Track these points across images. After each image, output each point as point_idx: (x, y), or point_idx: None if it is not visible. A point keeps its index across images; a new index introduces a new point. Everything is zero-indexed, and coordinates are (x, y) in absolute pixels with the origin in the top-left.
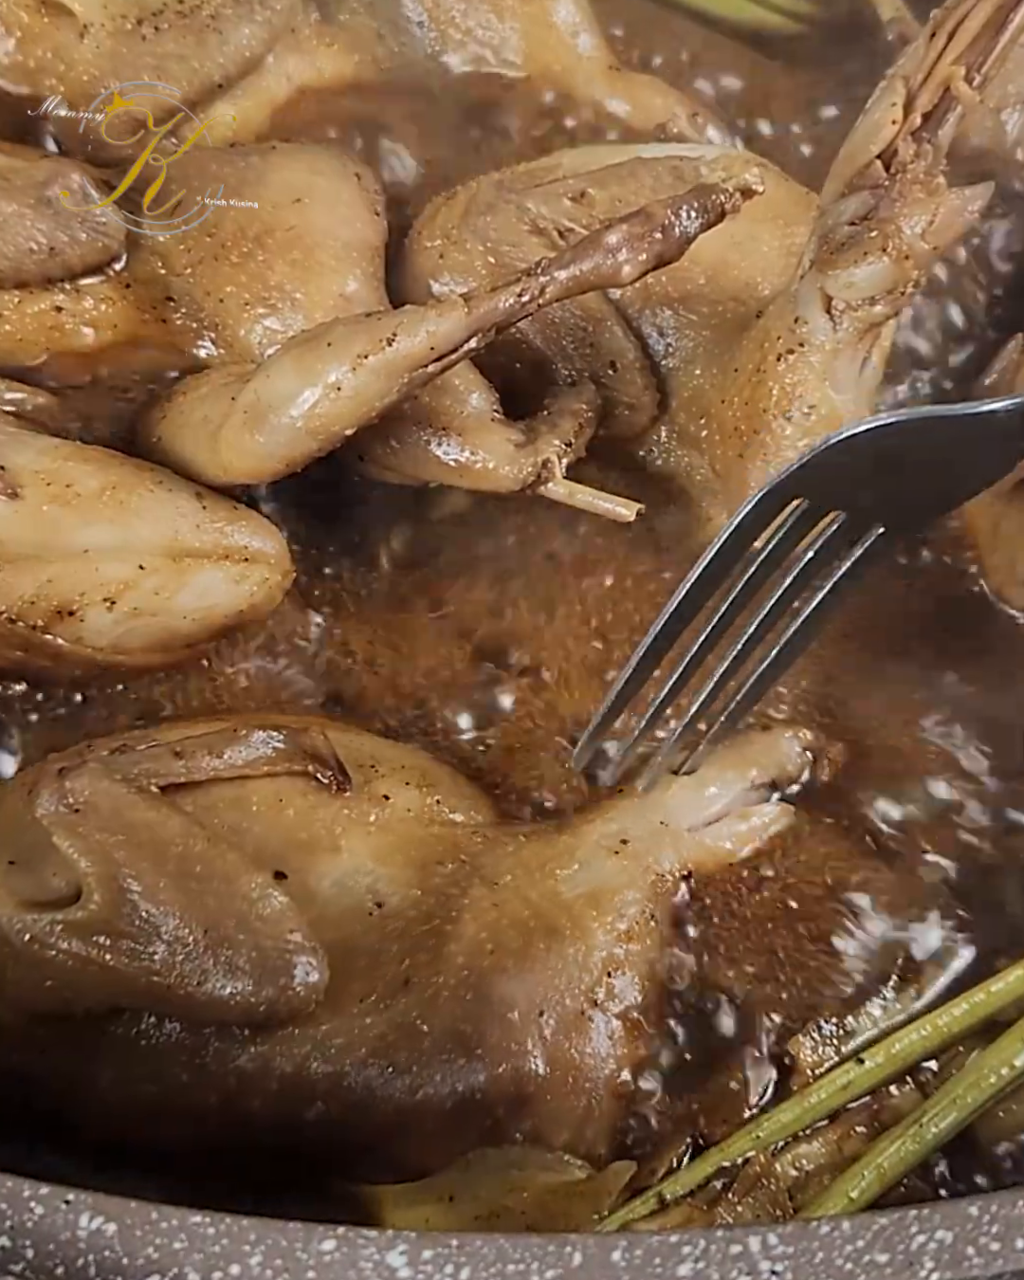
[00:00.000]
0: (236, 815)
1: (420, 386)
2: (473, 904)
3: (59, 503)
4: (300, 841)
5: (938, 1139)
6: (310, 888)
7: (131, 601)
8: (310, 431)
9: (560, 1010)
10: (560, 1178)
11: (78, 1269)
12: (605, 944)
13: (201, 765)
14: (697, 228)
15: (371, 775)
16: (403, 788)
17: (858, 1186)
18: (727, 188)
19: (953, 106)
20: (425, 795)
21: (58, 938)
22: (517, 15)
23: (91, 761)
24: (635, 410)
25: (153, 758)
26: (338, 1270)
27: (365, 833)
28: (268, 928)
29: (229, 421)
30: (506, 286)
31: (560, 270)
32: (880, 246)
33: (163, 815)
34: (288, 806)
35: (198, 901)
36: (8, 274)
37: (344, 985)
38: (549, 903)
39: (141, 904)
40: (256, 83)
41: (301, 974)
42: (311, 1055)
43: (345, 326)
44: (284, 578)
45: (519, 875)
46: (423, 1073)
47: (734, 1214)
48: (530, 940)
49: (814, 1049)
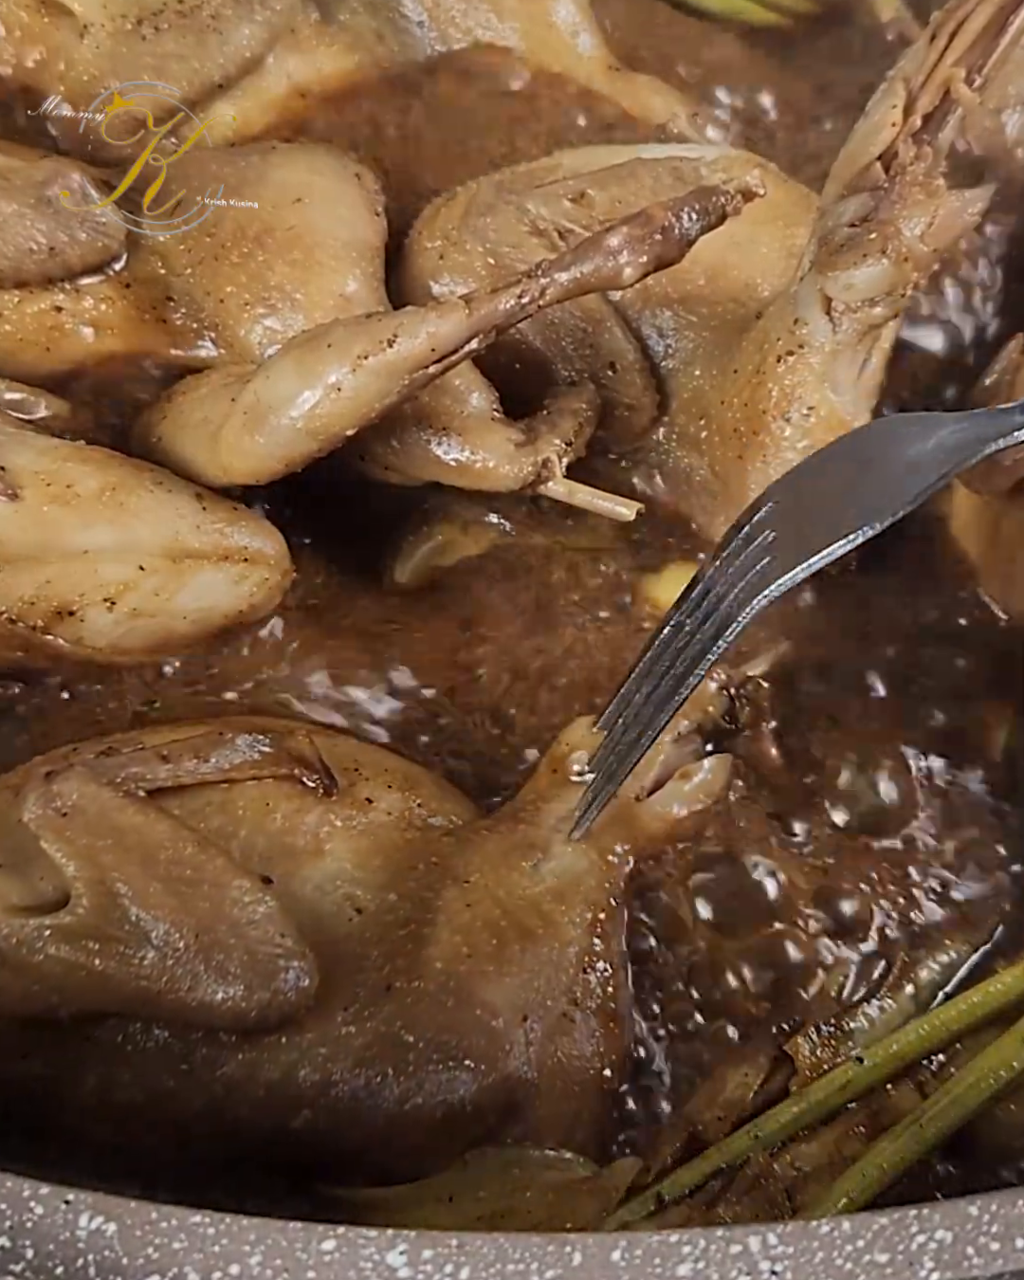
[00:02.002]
0: (223, 819)
1: (421, 388)
2: (446, 906)
3: (59, 503)
4: (286, 846)
5: (937, 1139)
6: (294, 893)
7: (131, 602)
8: (310, 432)
9: (543, 1013)
10: (564, 1175)
11: (78, 1269)
12: (577, 939)
13: (188, 769)
14: (697, 230)
15: (355, 779)
16: (385, 791)
17: (857, 1186)
18: (727, 189)
19: (953, 108)
20: (407, 799)
21: (46, 942)
22: (516, 15)
23: (78, 765)
24: (635, 411)
25: (139, 761)
26: (338, 1270)
27: (348, 836)
28: (258, 932)
29: (229, 423)
30: (507, 288)
31: (560, 272)
32: (880, 248)
33: (151, 819)
34: (274, 811)
35: (188, 905)
36: (8, 274)
37: (328, 993)
38: (517, 900)
39: (131, 908)
40: (256, 83)
41: (292, 979)
42: (298, 1064)
43: (345, 328)
44: (284, 578)
45: (486, 872)
46: (410, 1083)
47: (733, 1214)
48: (505, 942)
49: (812, 1049)
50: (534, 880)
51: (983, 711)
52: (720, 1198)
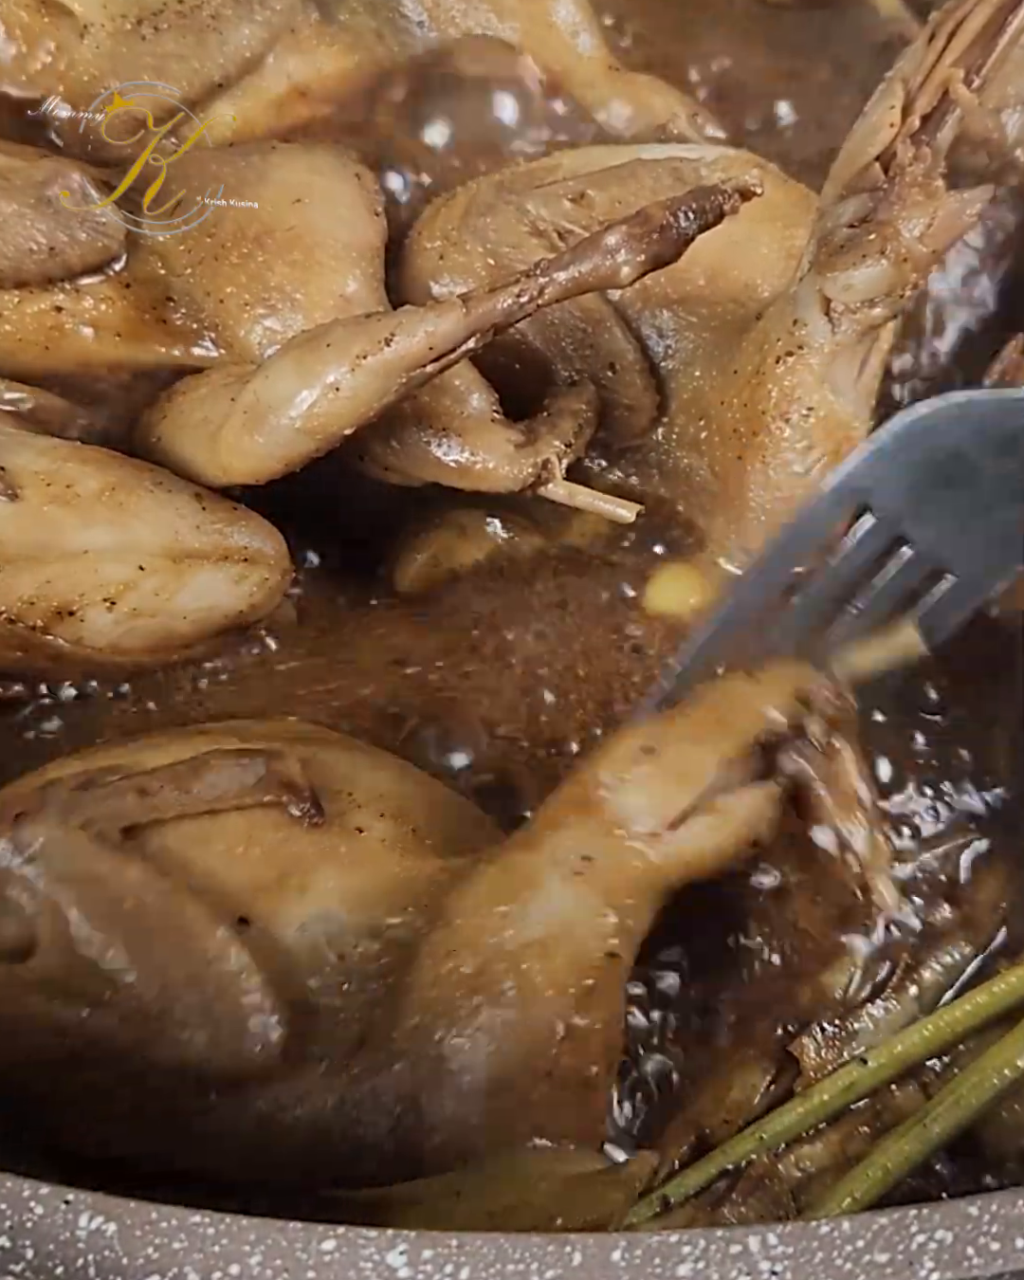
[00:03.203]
0: (201, 852)
1: (419, 387)
2: (430, 951)
3: (58, 503)
4: (267, 882)
5: (941, 1139)
6: (274, 934)
7: (131, 602)
8: (308, 432)
9: (515, 1083)
10: (579, 1168)
11: (77, 1269)
12: (556, 1010)
13: (167, 802)
14: (695, 229)
15: (346, 805)
16: (377, 820)
17: (861, 1186)
18: (725, 189)
19: (952, 109)
20: (400, 827)
21: (9, 991)
22: (516, 15)
23: (50, 805)
24: (634, 412)
25: (116, 795)
26: (338, 1270)
27: (334, 872)
28: (227, 985)
29: (228, 423)
30: (505, 287)
31: (559, 271)
32: (879, 249)
33: (119, 866)
34: (256, 843)
35: (152, 959)
36: (8, 274)
37: (303, 1045)
38: (499, 955)
39: (94, 961)
40: (256, 83)
41: (258, 1034)
42: (272, 1115)
43: (344, 328)
44: (284, 579)
45: (471, 915)
46: (384, 1143)
47: (738, 1215)
48: (478, 1004)
49: (818, 1050)
50: (522, 927)
51: (981, 710)
52: (725, 1199)
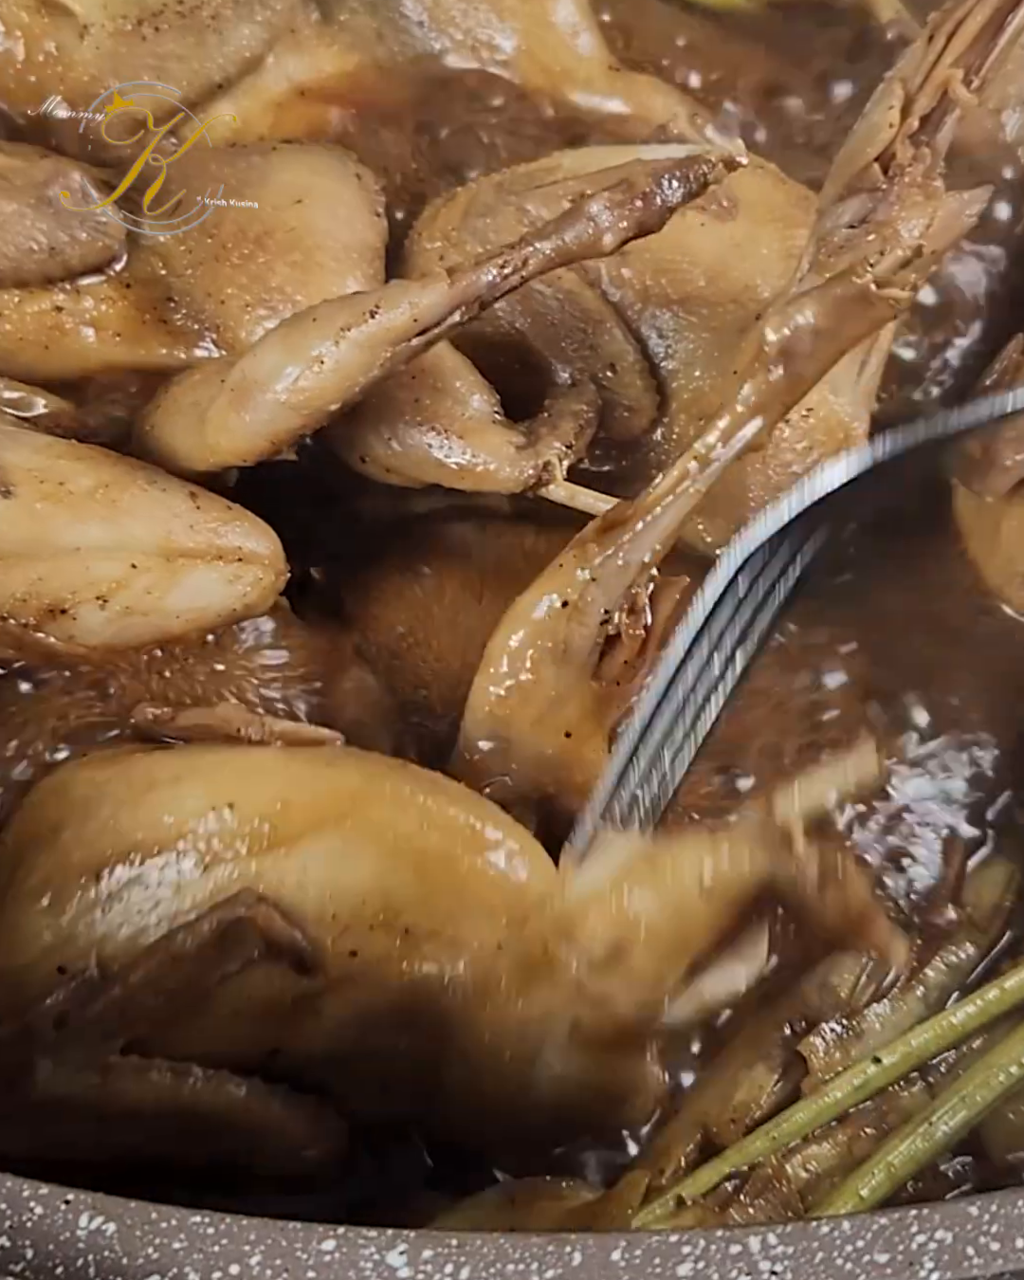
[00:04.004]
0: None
1: (404, 361)
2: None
3: (52, 500)
4: (265, 1037)
5: (948, 1138)
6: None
7: (124, 600)
8: (293, 406)
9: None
10: (571, 1203)
11: (77, 1269)
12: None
13: (151, 1013)
14: (678, 197)
15: (334, 929)
16: (367, 934)
17: (868, 1186)
18: (710, 158)
19: (951, 109)
20: (398, 942)
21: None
22: (516, 15)
23: (39, 1056)
24: (635, 412)
25: (100, 1020)
26: (338, 1270)
27: (332, 1010)
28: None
29: (216, 402)
30: (490, 259)
31: (542, 241)
32: (878, 250)
33: (141, 1080)
34: (255, 996)
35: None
36: (8, 274)
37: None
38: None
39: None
40: (256, 83)
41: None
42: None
43: (330, 304)
44: (278, 578)
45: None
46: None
47: (746, 1216)
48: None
49: (826, 1050)
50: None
51: (989, 710)
52: (734, 1200)
